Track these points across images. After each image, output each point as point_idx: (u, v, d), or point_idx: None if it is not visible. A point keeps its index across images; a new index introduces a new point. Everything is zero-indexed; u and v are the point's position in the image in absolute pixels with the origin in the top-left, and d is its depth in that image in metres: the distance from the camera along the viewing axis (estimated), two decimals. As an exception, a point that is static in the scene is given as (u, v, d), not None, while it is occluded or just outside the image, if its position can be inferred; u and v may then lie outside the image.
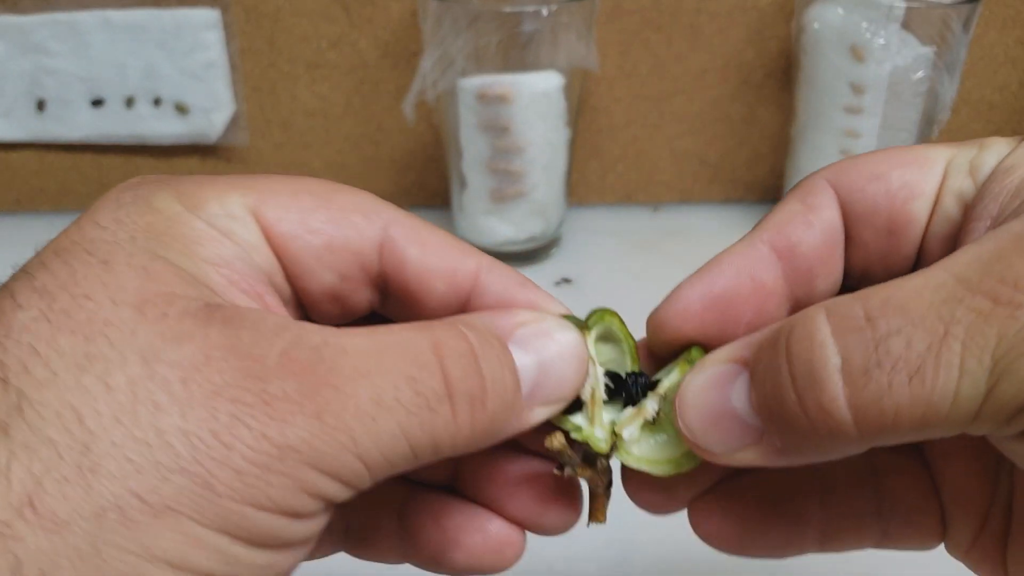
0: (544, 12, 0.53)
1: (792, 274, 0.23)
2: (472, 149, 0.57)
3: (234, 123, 0.64)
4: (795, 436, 0.19)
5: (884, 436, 0.18)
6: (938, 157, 0.23)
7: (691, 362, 0.23)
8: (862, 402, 0.18)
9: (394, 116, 0.64)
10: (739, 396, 0.20)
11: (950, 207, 0.22)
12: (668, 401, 0.24)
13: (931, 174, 0.22)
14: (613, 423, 0.24)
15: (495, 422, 0.21)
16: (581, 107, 0.62)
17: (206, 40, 0.61)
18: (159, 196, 0.20)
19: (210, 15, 0.60)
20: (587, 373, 0.23)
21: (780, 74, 0.63)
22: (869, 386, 0.18)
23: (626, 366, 0.24)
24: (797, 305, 0.24)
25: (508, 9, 0.53)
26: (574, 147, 0.61)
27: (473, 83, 0.54)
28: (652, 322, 0.24)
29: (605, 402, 0.24)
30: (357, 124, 0.65)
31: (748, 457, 0.21)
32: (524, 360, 0.22)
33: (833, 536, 0.24)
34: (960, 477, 0.24)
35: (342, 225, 0.22)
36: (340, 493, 0.19)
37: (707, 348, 0.23)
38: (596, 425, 0.24)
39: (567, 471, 0.23)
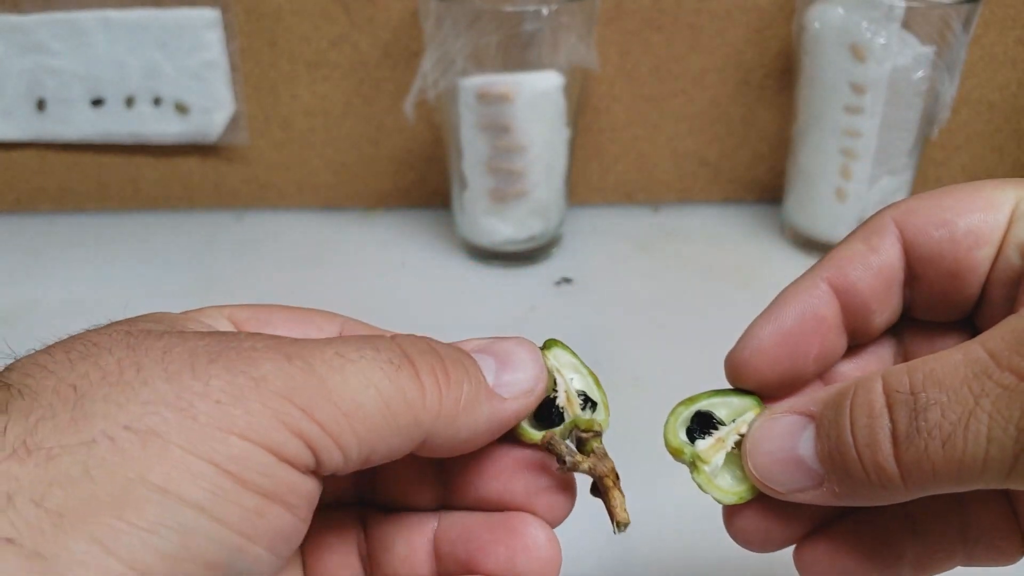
0: (544, 12, 0.53)
1: (849, 309, 0.26)
2: (472, 149, 0.57)
3: (234, 123, 0.64)
4: (853, 484, 0.22)
5: (928, 489, 0.21)
6: (1005, 200, 0.24)
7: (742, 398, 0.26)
8: (906, 462, 0.21)
9: (394, 116, 0.64)
10: (806, 446, 0.23)
11: (1012, 257, 0.24)
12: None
13: (997, 220, 0.24)
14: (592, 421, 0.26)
15: (465, 393, 0.22)
16: (581, 107, 0.62)
17: (206, 40, 0.61)
18: (144, 315, 0.24)
19: (210, 15, 0.60)
20: (550, 379, 0.25)
21: (780, 74, 0.63)
22: (910, 450, 0.21)
23: (592, 389, 0.26)
24: (854, 335, 0.27)
25: (508, 9, 0.53)
26: (574, 147, 0.61)
27: (473, 83, 0.54)
28: (731, 363, 0.26)
29: (581, 407, 0.26)
30: (357, 124, 0.65)
31: (808, 497, 0.23)
32: (483, 358, 0.24)
33: (925, 566, 0.26)
34: None
35: (303, 323, 0.26)
36: (323, 443, 0.20)
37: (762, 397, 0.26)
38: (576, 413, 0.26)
39: (568, 460, 0.24)
